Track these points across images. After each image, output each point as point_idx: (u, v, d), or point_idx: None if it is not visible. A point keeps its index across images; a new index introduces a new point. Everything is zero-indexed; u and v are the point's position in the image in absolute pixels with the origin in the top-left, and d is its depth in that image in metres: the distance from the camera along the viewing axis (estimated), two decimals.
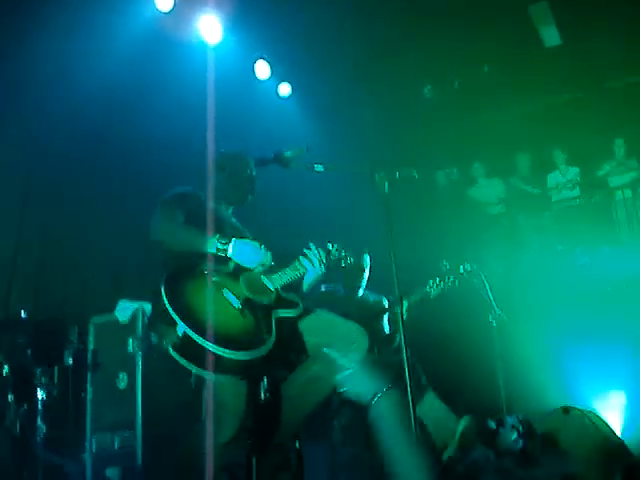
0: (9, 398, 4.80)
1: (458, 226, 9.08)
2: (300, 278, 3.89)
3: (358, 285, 5.87)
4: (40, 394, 4.90)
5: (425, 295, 5.69)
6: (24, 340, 5.20)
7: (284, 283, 3.74)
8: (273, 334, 3.34)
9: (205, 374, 3.21)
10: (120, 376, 5.32)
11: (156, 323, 3.29)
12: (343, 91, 8.97)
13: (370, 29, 7.97)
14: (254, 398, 3.49)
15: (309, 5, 7.51)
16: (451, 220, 9.29)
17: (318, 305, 5.00)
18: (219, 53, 7.37)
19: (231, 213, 4.19)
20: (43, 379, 4.95)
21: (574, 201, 9.33)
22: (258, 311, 3.45)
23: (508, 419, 3.95)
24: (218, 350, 3.08)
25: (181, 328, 3.10)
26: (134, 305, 5.34)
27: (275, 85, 8.56)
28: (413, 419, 3.18)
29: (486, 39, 8.49)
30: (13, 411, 4.78)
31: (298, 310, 3.62)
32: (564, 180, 9.43)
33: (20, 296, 6.37)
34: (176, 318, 3.11)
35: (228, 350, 3.11)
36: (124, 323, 5.37)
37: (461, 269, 5.63)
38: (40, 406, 4.87)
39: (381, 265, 5.86)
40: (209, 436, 3.53)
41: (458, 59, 9.01)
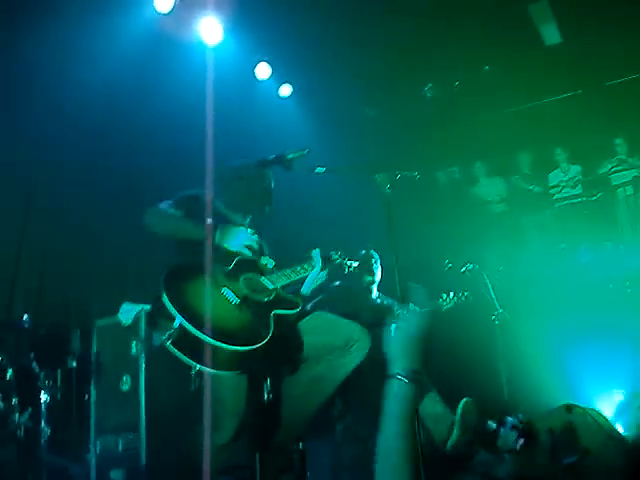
0: (13, 401, 4.81)
1: (460, 226, 9.08)
2: (301, 280, 3.91)
3: (367, 285, 5.84)
4: (44, 397, 4.91)
5: (437, 308, 5.73)
6: (27, 343, 5.21)
7: (284, 284, 3.76)
8: (270, 331, 3.35)
9: (201, 368, 3.22)
10: (123, 378, 5.32)
11: (155, 317, 3.31)
12: (344, 91, 8.97)
13: (370, 29, 7.96)
14: (255, 397, 3.50)
15: (309, 6, 7.50)
16: (453, 220, 9.29)
17: (330, 298, 5.04)
18: (219, 54, 7.37)
19: (247, 223, 4.18)
20: (47, 382, 4.96)
21: (576, 199, 9.32)
22: (256, 308, 3.47)
23: (508, 419, 3.95)
24: (213, 342, 3.10)
25: (178, 320, 3.12)
26: (137, 307, 5.35)
27: (275, 86, 8.56)
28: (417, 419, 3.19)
29: (486, 38, 8.48)
30: (17, 414, 4.78)
31: (298, 309, 3.63)
32: (566, 178, 9.43)
33: (23, 300, 6.38)
34: (172, 310, 3.14)
35: (223, 343, 3.12)
36: (127, 325, 5.37)
37: (463, 268, 5.63)
38: (44, 409, 4.88)
39: (383, 266, 5.88)
40: (207, 436, 3.55)
41: (459, 59, 9.01)
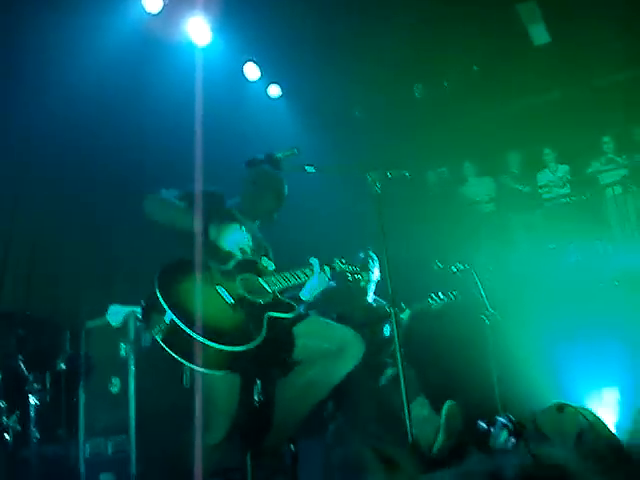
0: (1, 404, 4.77)
1: (449, 225, 9.08)
2: (299, 285, 3.89)
3: (363, 286, 5.82)
4: (32, 400, 4.86)
5: (427, 307, 5.74)
6: (15, 346, 5.16)
7: (282, 288, 3.73)
8: (262, 333, 3.33)
9: (190, 365, 3.21)
10: (113, 381, 5.29)
11: (149, 312, 3.29)
12: (333, 92, 8.97)
13: (359, 30, 7.97)
14: (247, 399, 3.49)
15: (297, 5, 7.50)
16: (442, 219, 9.29)
17: (325, 299, 5.03)
18: (208, 54, 7.36)
19: (257, 227, 4.19)
20: (35, 385, 4.91)
21: (565, 199, 9.34)
22: (250, 309, 3.45)
23: (499, 418, 3.94)
24: (202, 339, 3.08)
25: (169, 316, 3.10)
26: (125, 309, 5.32)
27: (264, 86, 8.55)
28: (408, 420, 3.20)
29: (475, 38, 8.50)
30: (4, 417, 4.74)
31: (292, 313, 3.60)
32: (554, 178, 9.45)
33: (10, 302, 6.33)
34: (164, 305, 3.11)
35: (212, 341, 3.10)
36: (116, 327, 5.34)
37: (453, 268, 5.62)
38: (33, 412, 4.84)
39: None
40: (199, 437, 3.53)
41: (447, 59, 9.02)
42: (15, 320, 5.30)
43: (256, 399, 3.60)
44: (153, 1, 6.87)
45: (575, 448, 3.96)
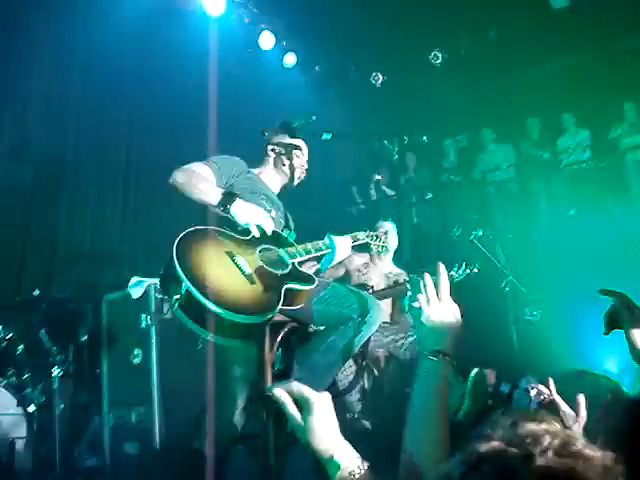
0: (25, 377, 4.83)
1: (468, 193, 9.03)
2: (319, 257, 3.87)
3: (381, 255, 5.79)
4: (56, 371, 4.92)
5: (449, 278, 5.68)
6: (38, 319, 5.21)
7: (302, 258, 3.71)
8: (279, 304, 3.32)
9: (206, 334, 3.21)
10: (134, 352, 5.34)
11: (166, 282, 3.29)
12: (349, 59, 8.90)
13: None
14: (265, 367, 3.49)
15: None
16: (461, 186, 9.24)
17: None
18: (222, 25, 7.32)
19: (277, 195, 4.16)
20: (58, 357, 4.96)
21: (585, 164, 9.24)
22: (269, 280, 3.42)
23: (521, 381, 3.93)
24: (217, 309, 3.07)
25: (185, 285, 3.11)
26: (146, 280, 5.35)
27: (279, 55, 8.50)
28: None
29: (492, 3, 8.38)
30: (29, 389, 4.80)
31: (311, 285, 3.58)
32: (574, 143, 9.34)
33: (32, 276, 6.39)
34: (180, 275, 3.10)
35: (228, 311, 3.10)
36: (137, 299, 5.37)
37: (472, 236, 5.60)
38: (56, 383, 4.89)
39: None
40: (218, 405, 3.55)
41: (464, 24, 8.90)
42: (37, 301, 5.34)
43: (277, 367, 3.61)
44: None
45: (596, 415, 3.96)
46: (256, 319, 3.20)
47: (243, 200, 3.61)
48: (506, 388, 3.97)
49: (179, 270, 3.11)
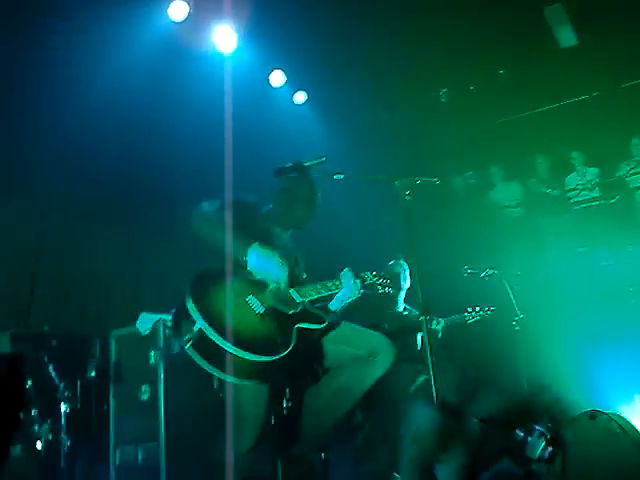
0: (32, 412, 4.81)
1: (478, 231, 9.02)
2: (330, 297, 3.85)
3: (393, 295, 5.75)
4: (63, 408, 4.90)
5: (462, 321, 5.71)
6: (47, 354, 5.21)
7: (312, 298, 3.70)
8: (291, 344, 3.32)
9: (219, 374, 3.22)
10: (142, 388, 5.32)
11: (179, 320, 3.30)
12: (359, 98, 8.95)
13: (385, 35, 7.94)
14: (275, 406, 3.49)
15: (323, 10, 7.49)
16: (471, 225, 9.23)
17: (354, 307, 4.98)
18: (234, 62, 7.38)
19: (289, 236, 4.16)
20: (66, 393, 4.95)
21: (594, 202, 9.24)
22: (280, 320, 3.44)
23: (536, 427, 3.89)
24: (230, 348, 3.08)
25: (198, 324, 3.11)
26: (155, 317, 5.34)
27: (290, 93, 8.56)
28: None
29: (501, 41, 8.45)
30: (37, 425, 4.78)
31: (322, 324, 3.57)
32: (583, 181, 9.35)
33: (41, 311, 6.38)
34: (193, 314, 3.12)
35: (239, 349, 3.10)
36: (145, 335, 5.36)
37: (483, 274, 5.59)
38: (64, 420, 4.88)
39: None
40: (229, 444, 3.53)
41: (473, 62, 8.97)
42: (46, 337, 5.35)
43: (285, 407, 3.60)
44: (178, 10, 6.90)
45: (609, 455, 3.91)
46: (267, 358, 3.21)
47: (257, 247, 3.59)
48: (520, 433, 3.92)
49: (193, 309, 3.12)
